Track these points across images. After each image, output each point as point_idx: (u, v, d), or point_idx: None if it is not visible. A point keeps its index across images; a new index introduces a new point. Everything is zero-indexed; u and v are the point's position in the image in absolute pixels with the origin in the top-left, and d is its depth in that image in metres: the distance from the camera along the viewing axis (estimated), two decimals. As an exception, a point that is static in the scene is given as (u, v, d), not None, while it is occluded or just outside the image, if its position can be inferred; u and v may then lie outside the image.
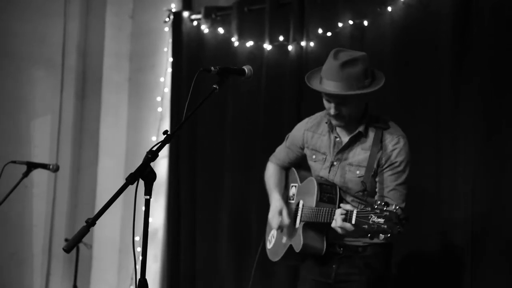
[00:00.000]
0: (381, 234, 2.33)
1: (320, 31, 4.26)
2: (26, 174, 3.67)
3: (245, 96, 4.60)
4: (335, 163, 2.83)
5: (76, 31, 5.49)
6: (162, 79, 5.14)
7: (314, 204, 2.79)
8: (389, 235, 2.31)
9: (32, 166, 3.70)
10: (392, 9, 3.99)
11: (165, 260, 5.01)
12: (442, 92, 3.78)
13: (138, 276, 2.01)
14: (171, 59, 5.07)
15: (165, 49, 5.13)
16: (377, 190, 2.78)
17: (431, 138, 3.82)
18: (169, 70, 5.09)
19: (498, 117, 3.58)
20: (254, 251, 4.40)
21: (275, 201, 3.05)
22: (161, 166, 4.99)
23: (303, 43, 4.34)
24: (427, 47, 3.88)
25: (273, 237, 3.16)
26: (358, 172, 2.77)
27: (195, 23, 4.98)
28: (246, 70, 2.52)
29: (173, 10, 5.08)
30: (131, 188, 2.06)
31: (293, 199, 3.09)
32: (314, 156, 2.94)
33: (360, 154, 2.78)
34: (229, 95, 4.67)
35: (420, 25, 3.90)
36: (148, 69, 5.27)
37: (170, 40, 5.08)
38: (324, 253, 2.82)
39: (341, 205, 2.60)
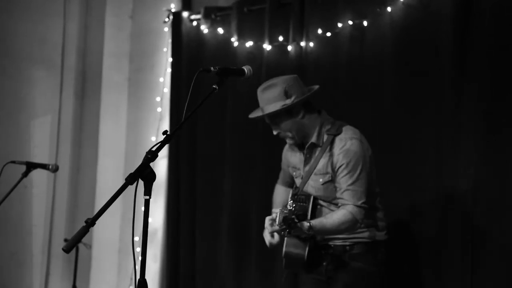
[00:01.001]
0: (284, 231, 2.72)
1: (319, 31, 4.26)
2: (25, 174, 3.67)
3: (244, 96, 4.59)
4: (303, 176, 3.08)
5: (75, 31, 5.49)
6: (161, 79, 5.14)
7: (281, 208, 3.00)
8: (290, 231, 2.67)
9: (31, 166, 3.70)
10: (392, 10, 3.99)
11: (165, 260, 5.01)
12: (443, 92, 3.77)
13: (138, 276, 2.01)
14: (170, 59, 5.06)
15: (165, 49, 5.13)
16: (337, 191, 3.00)
17: (432, 138, 3.81)
18: (169, 70, 5.09)
19: (499, 117, 3.58)
20: (254, 251, 4.41)
21: (273, 214, 3.19)
22: (161, 166, 4.99)
23: (302, 44, 4.34)
24: (427, 47, 3.87)
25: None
26: (321, 180, 3.00)
27: (194, 23, 4.98)
28: (246, 70, 2.52)
29: (173, 10, 5.08)
30: (130, 188, 2.06)
31: None
32: (294, 173, 3.19)
33: (320, 162, 3.00)
34: (229, 95, 4.67)
35: (420, 26, 3.90)
36: (147, 69, 5.27)
37: (170, 40, 5.08)
38: (306, 259, 2.98)
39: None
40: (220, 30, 4.79)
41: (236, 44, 4.66)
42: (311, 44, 4.31)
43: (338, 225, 2.90)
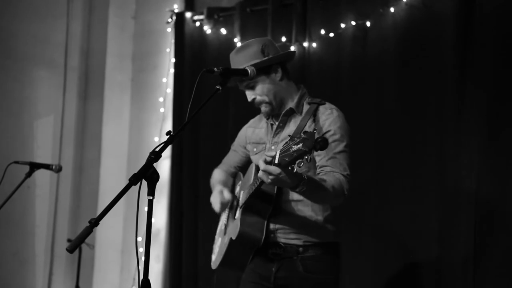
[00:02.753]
0: (299, 160, 2.15)
1: (322, 32, 4.26)
2: (29, 175, 3.68)
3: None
4: (272, 147, 2.73)
5: (78, 32, 5.49)
6: (164, 80, 5.15)
7: (251, 182, 2.67)
8: (307, 156, 2.13)
9: (34, 166, 3.70)
10: (394, 10, 3.99)
11: (168, 261, 5.01)
12: (445, 93, 3.77)
13: (141, 277, 2.01)
14: (173, 60, 5.07)
15: (168, 50, 5.14)
16: (317, 163, 2.63)
17: (434, 139, 3.81)
18: (172, 70, 5.09)
19: (502, 119, 3.57)
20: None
21: (217, 187, 2.92)
22: (164, 166, 4.99)
23: (305, 44, 4.34)
24: (429, 48, 3.87)
25: (217, 247, 3.01)
26: None
27: (197, 23, 4.98)
28: (249, 71, 2.53)
29: (176, 10, 5.09)
30: (133, 188, 2.06)
31: (236, 197, 2.95)
32: (255, 149, 2.85)
33: (299, 128, 2.66)
34: (232, 96, 4.67)
35: (423, 26, 3.90)
36: (150, 70, 5.27)
37: (173, 41, 5.08)
38: (262, 244, 2.63)
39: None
40: (223, 31, 4.80)
41: (239, 44, 4.65)
42: (314, 44, 4.31)
43: (330, 189, 2.47)
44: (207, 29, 4.88)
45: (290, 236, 2.66)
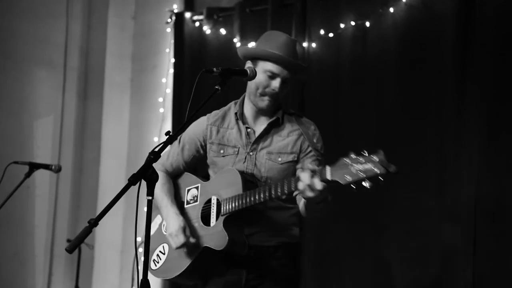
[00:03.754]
0: (367, 181, 2.14)
1: (322, 32, 4.26)
2: (28, 175, 3.67)
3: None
4: (251, 153, 2.64)
5: (78, 32, 5.50)
6: (164, 80, 5.15)
7: (241, 191, 2.53)
8: (383, 172, 2.12)
9: (34, 166, 3.70)
10: (394, 10, 3.99)
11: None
12: (445, 93, 3.78)
13: (140, 277, 2.01)
14: (173, 60, 5.07)
15: (167, 50, 5.14)
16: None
17: (434, 140, 3.81)
18: (171, 71, 5.09)
19: (502, 119, 3.58)
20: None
21: (174, 216, 2.67)
22: (163, 166, 4.99)
23: (305, 44, 4.34)
24: (429, 48, 3.88)
25: (162, 254, 2.74)
26: (280, 159, 2.61)
27: (197, 24, 4.98)
28: (249, 71, 2.52)
29: (175, 11, 5.09)
30: (132, 188, 2.06)
31: (194, 202, 2.75)
32: (222, 151, 2.70)
33: (278, 141, 2.64)
34: (231, 96, 4.66)
35: (423, 26, 3.91)
36: (150, 70, 5.28)
37: (172, 41, 5.08)
38: (245, 251, 2.57)
39: (301, 169, 2.38)
40: (223, 31, 4.80)
41: (238, 44, 4.66)
42: (314, 44, 4.31)
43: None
44: (207, 29, 4.88)
45: (263, 239, 2.61)
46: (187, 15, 5.03)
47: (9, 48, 5.17)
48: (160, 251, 2.74)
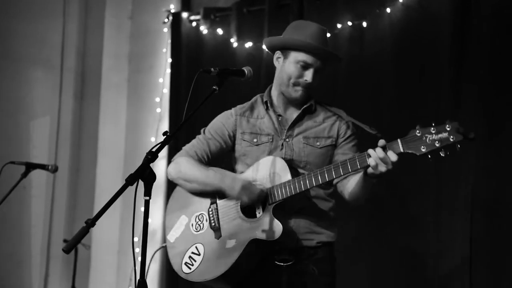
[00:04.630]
0: (442, 150, 2.19)
1: (319, 32, 4.26)
2: (25, 175, 3.68)
3: (243, 97, 4.57)
4: (287, 139, 2.59)
5: (75, 32, 5.49)
6: (161, 80, 5.14)
7: (289, 177, 2.47)
8: (460, 139, 2.19)
9: (31, 166, 3.70)
10: (391, 10, 4.00)
11: (164, 261, 5.00)
12: (442, 93, 3.78)
13: (138, 277, 2.01)
14: (170, 60, 5.07)
15: (164, 50, 5.14)
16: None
17: (430, 139, 3.82)
18: (168, 71, 5.09)
19: (499, 119, 3.59)
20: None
21: (232, 175, 2.59)
22: (160, 167, 4.98)
23: (302, 44, 4.34)
24: (426, 48, 3.88)
25: (196, 255, 2.60)
26: (318, 143, 2.57)
27: (194, 24, 4.98)
28: (246, 71, 2.52)
29: (172, 11, 5.09)
30: (129, 189, 2.05)
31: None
32: (255, 140, 2.63)
33: (313, 126, 2.61)
34: (228, 96, 4.66)
35: (419, 26, 3.91)
36: (147, 70, 5.27)
37: (169, 41, 5.08)
38: (295, 242, 2.48)
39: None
40: (220, 31, 4.80)
41: (235, 44, 4.66)
42: (311, 45, 4.31)
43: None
44: (204, 29, 4.88)
45: (304, 237, 2.52)
46: (184, 15, 5.03)
47: (5, 48, 5.16)
48: (193, 253, 2.60)
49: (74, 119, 5.47)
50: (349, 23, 4.14)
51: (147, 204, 2.03)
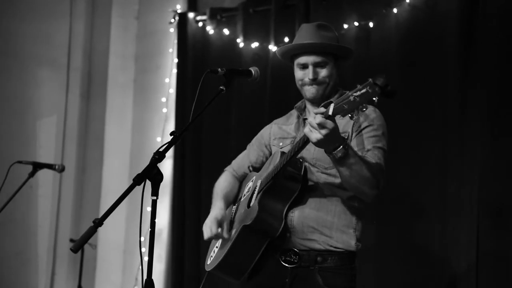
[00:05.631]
0: (364, 105, 2.05)
1: (325, 32, 4.26)
2: (31, 174, 3.69)
3: (250, 97, 4.60)
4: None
5: (81, 32, 5.51)
6: (167, 80, 5.15)
7: (277, 163, 2.47)
8: (375, 98, 2.03)
9: (38, 166, 3.71)
10: (397, 11, 3.99)
11: (170, 260, 5.01)
12: (448, 94, 3.77)
13: (144, 277, 2.01)
14: (176, 60, 5.08)
15: (170, 50, 5.14)
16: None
17: (437, 140, 3.81)
18: (174, 71, 5.09)
19: (505, 119, 3.57)
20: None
21: (215, 209, 2.68)
22: (166, 166, 5.00)
23: (308, 45, 4.34)
24: (433, 48, 3.87)
25: (216, 248, 2.66)
26: None
27: (200, 24, 4.99)
28: (253, 72, 2.52)
29: (179, 11, 5.09)
30: (135, 189, 2.06)
31: (247, 193, 2.70)
32: (281, 143, 2.68)
33: (338, 122, 2.42)
34: (234, 96, 4.67)
35: (426, 27, 3.90)
36: (153, 70, 5.28)
37: (175, 41, 5.09)
38: (279, 234, 2.39)
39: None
40: (226, 31, 4.80)
41: (241, 45, 4.66)
42: (317, 45, 4.31)
43: (369, 168, 2.29)
44: (210, 30, 4.89)
45: (308, 237, 2.43)
46: (191, 15, 5.03)
47: (12, 48, 5.18)
48: (216, 247, 2.65)
49: (80, 119, 5.49)
50: (356, 24, 4.13)
51: (154, 203, 2.03)
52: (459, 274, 3.62)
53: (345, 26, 4.17)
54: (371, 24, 4.09)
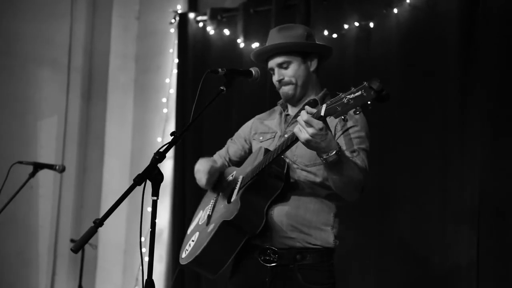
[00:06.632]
0: (358, 108, 2.02)
1: (326, 32, 4.26)
2: (32, 175, 3.69)
3: (250, 97, 4.60)
4: (285, 135, 2.53)
5: (82, 32, 5.51)
6: (167, 80, 5.15)
7: (260, 161, 2.45)
8: (369, 102, 1.99)
9: (38, 166, 3.72)
10: (398, 11, 3.99)
11: (170, 261, 5.01)
12: (448, 94, 3.78)
13: (145, 277, 2.02)
14: (176, 60, 5.08)
15: (171, 50, 5.15)
16: None
17: (437, 140, 3.81)
18: (175, 71, 5.10)
19: (506, 119, 3.57)
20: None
21: (210, 161, 2.64)
22: (167, 167, 5.00)
23: (309, 45, 4.34)
24: (433, 49, 3.87)
25: (192, 242, 2.62)
26: None
27: (201, 24, 4.99)
28: (254, 72, 2.52)
29: (179, 11, 5.10)
30: (135, 189, 2.06)
31: (227, 187, 2.66)
32: (261, 138, 2.68)
33: None
34: (235, 96, 4.67)
35: (426, 27, 3.90)
36: (153, 70, 5.28)
37: (176, 41, 5.09)
38: (260, 231, 2.38)
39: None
40: (226, 31, 4.80)
41: (242, 45, 4.66)
42: (317, 45, 4.31)
43: (357, 172, 2.29)
44: (210, 30, 4.89)
45: (287, 235, 2.42)
46: (191, 15, 5.04)
47: (13, 48, 5.18)
48: (192, 240, 2.62)
49: (81, 119, 5.49)
50: (356, 24, 4.14)
51: (154, 204, 2.03)
52: (459, 274, 3.61)
53: (346, 26, 4.17)
54: (371, 24, 4.09)
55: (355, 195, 2.38)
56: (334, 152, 2.17)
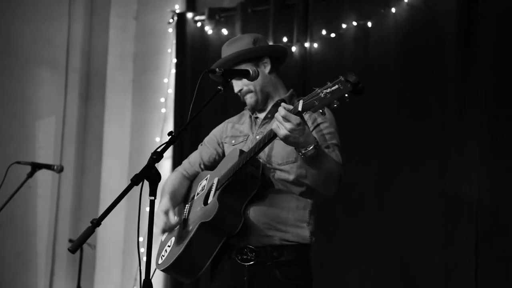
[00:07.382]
0: (335, 101, 2.08)
1: (324, 32, 4.27)
2: (30, 175, 3.69)
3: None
4: (257, 137, 2.57)
5: (80, 32, 5.50)
6: (166, 80, 5.15)
7: (236, 161, 2.47)
8: (346, 94, 2.05)
9: (36, 166, 3.72)
10: (396, 11, 3.99)
11: (169, 261, 5.01)
12: (447, 93, 3.78)
13: (143, 277, 2.02)
14: (175, 60, 5.08)
15: (169, 50, 5.14)
16: None
17: (435, 140, 3.81)
18: (173, 71, 5.10)
19: (504, 119, 3.58)
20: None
21: (164, 203, 2.58)
22: (165, 167, 5.00)
23: (307, 44, 4.34)
24: (431, 48, 3.88)
25: (168, 247, 2.62)
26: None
27: (199, 24, 4.99)
28: (251, 71, 2.52)
29: (177, 11, 5.10)
30: (134, 189, 2.06)
31: (201, 191, 2.67)
32: (233, 141, 2.70)
33: None
34: (232, 96, 4.65)
35: (424, 27, 3.91)
36: (152, 70, 5.28)
37: (174, 41, 5.09)
38: (238, 231, 2.39)
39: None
40: (225, 31, 4.80)
41: (240, 45, 4.66)
42: (315, 45, 4.31)
43: (334, 165, 2.34)
44: (209, 30, 4.89)
45: (264, 233, 2.44)
46: (189, 15, 5.04)
47: (11, 48, 5.17)
48: (168, 246, 2.63)
49: (79, 119, 5.49)
50: (354, 23, 4.14)
51: (152, 204, 2.04)
52: (459, 274, 3.62)
53: (344, 25, 4.18)
54: (369, 24, 4.09)
55: (333, 188, 2.42)
56: (312, 146, 2.18)
